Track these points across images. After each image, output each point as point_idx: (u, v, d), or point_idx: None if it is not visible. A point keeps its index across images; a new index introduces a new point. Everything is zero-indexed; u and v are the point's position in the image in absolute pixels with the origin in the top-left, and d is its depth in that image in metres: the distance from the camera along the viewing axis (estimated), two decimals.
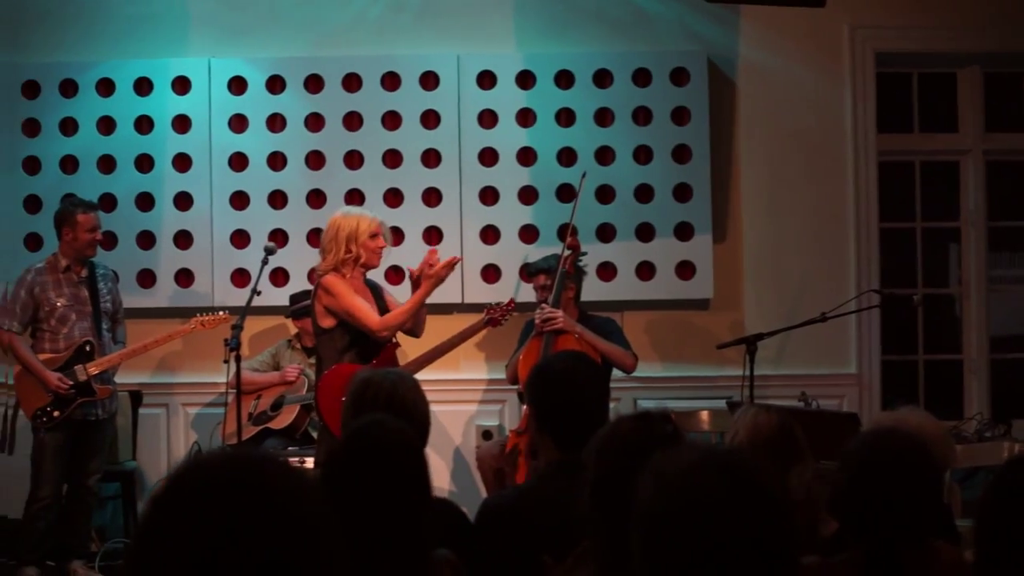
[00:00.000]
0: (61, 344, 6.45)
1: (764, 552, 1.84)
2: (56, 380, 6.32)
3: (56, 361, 6.41)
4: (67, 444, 6.43)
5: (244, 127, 7.41)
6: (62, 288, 6.46)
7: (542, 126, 7.36)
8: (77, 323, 6.46)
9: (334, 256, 5.73)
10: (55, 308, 6.43)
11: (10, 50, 7.46)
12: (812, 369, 7.37)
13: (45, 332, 6.47)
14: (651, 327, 7.41)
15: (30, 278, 6.46)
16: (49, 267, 6.50)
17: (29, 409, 6.41)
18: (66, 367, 6.39)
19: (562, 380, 3.53)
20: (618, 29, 7.44)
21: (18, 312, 6.43)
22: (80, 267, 6.52)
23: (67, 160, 7.42)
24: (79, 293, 6.49)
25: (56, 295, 6.44)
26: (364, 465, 2.93)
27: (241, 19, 7.47)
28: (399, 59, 7.40)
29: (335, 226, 5.78)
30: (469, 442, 7.39)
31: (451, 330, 7.08)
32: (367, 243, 5.73)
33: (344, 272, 5.74)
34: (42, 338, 6.49)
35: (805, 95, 7.46)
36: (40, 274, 6.47)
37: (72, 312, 6.46)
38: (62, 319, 6.45)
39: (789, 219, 7.46)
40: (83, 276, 6.53)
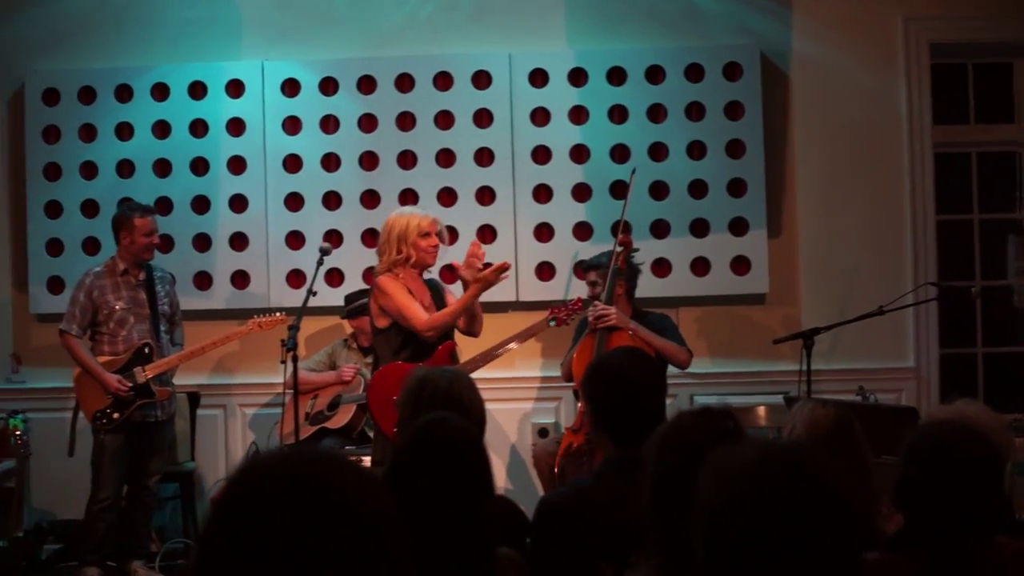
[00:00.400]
0: (120, 347, 6.49)
1: (826, 547, 1.83)
2: (115, 382, 6.36)
3: (115, 364, 6.45)
4: (127, 446, 6.47)
5: (298, 129, 7.45)
6: (120, 291, 6.51)
7: (595, 123, 7.35)
8: (135, 326, 6.50)
9: (388, 257, 5.76)
10: (114, 311, 6.47)
11: (66, 57, 7.55)
12: (869, 363, 7.31)
13: (104, 335, 6.51)
14: (706, 323, 7.38)
15: (89, 282, 6.51)
16: (107, 271, 6.55)
17: (89, 411, 6.45)
18: (125, 369, 6.43)
19: (618, 377, 3.52)
20: (670, 24, 7.41)
21: (77, 315, 6.48)
22: (138, 270, 6.56)
23: (123, 164, 7.49)
24: (137, 296, 6.53)
25: (115, 298, 6.49)
26: (431, 461, 2.93)
27: (294, 22, 7.52)
28: (451, 59, 7.41)
29: (388, 226, 5.81)
30: (525, 440, 7.39)
31: (506, 328, 7.09)
32: (417, 242, 5.73)
33: (397, 272, 5.75)
34: (101, 341, 6.53)
35: (859, 87, 7.40)
36: (99, 278, 6.52)
37: (130, 315, 6.50)
38: (121, 322, 6.49)
39: (844, 212, 7.41)
40: (141, 279, 6.57)
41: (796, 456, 1.94)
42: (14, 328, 7.59)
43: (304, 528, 1.49)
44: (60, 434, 6.91)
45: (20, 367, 7.55)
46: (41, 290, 7.45)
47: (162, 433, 6.68)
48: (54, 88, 7.48)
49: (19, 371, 7.55)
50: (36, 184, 7.48)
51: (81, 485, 6.56)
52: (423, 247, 5.77)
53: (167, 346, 6.64)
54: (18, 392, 7.47)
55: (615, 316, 6.26)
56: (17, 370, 7.54)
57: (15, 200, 7.59)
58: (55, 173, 7.48)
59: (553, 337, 7.32)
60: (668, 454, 2.69)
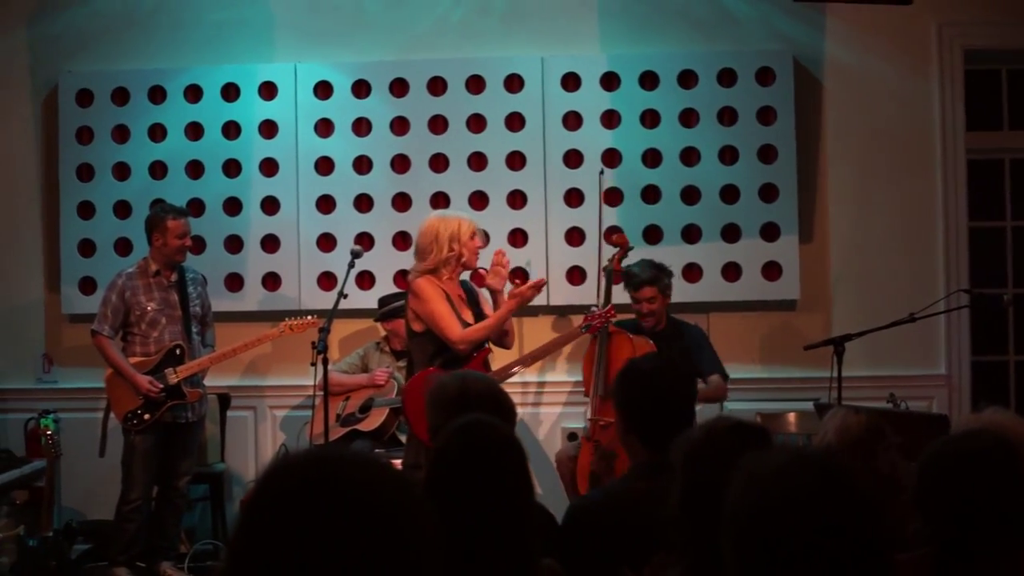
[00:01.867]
0: (151, 348, 6.50)
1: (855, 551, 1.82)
2: (147, 383, 6.38)
3: (147, 364, 6.47)
4: (157, 447, 6.49)
5: (330, 131, 7.46)
6: (152, 292, 6.52)
7: (627, 127, 7.34)
8: (167, 327, 6.52)
9: (435, 257, 5.69)
10: (146, 312, 6.49)
11: (100, 58, 7.58)
12: (901, 370, 7.28)
13: (136, 336, 6.53)
14: (737, 328, 7.36)
15: (121, 282, 6.52)
16: (140, 272, 6.56)
17: (120, 412, 6.47)
18: (156, 370, 6.45)
19: (647, 381, 3.52)
20: (703, 29, 7.40)
21: (109, 316, 6.50)
22: (170, 272, 6.58)
23: (156, 165, 7.51)
24: (169, 297, 6.55)
25: (147, 299, 6.50)
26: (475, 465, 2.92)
27: (326, 24, 7.53)
28: (483, 62, 7.41)
29: (435, 228, 5.75)
30: (555, 445, 7.37)
31: (536, 332, 7.13)
32: (468, 243, 5.74)
33: (443, 273, 5.72)
34: (133, 342, 6.55)
35: (892, 93, 7.38)
36: (131, 279, 6.53)
37: (162, 316, 6.52)
38: (152, 323, 6.50)
39: (877, 219, 7.38)
40: (173, 280, 6.58)
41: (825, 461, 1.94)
42: (46, 328, 7.62)
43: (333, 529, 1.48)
44: (91, 434, 6.93)
45: (52, 367, 7.57)
46: (73, 290, 7.48)
47: (193, 434, 6.70)
48: (87, 89, 7.51)
49: (51, 371, 7.58)
50: (69, 185, 7.51)
51: (111, 485, 6.60)
52: (472, 248, 5.78)
53: (198, 347, 6.65)
54: (50, 392, 7.50)
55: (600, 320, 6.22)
56: (49, 370, 7.58)
57: (48, 201, 7.62)
58: (88, 174, 7.52)
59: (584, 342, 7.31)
60: (699, 465, 2.68)
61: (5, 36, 7.61)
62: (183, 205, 7.01)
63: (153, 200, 7.17)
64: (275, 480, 1.57)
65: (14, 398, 7.56)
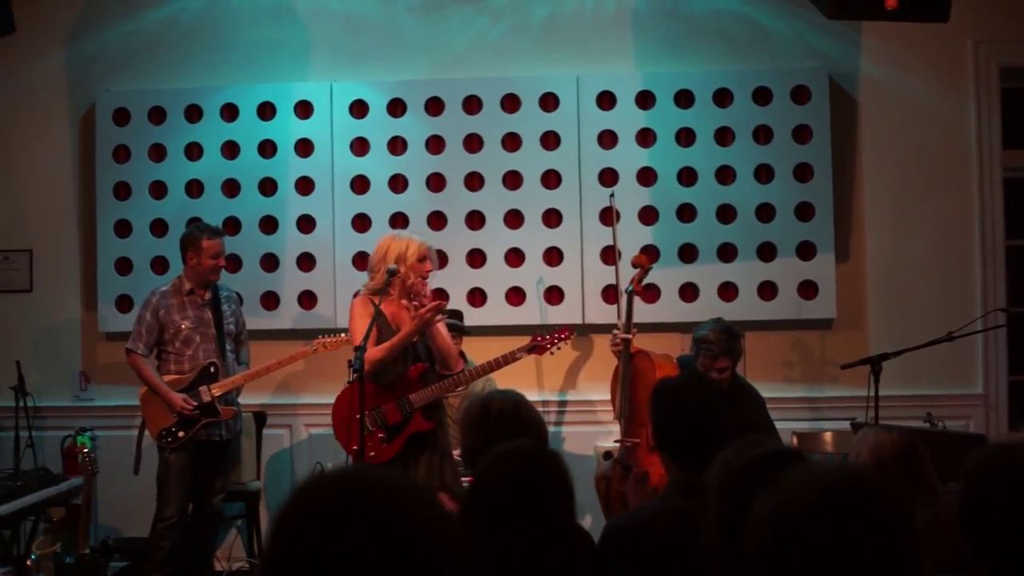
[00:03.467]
0: (186, 366, 6.51)
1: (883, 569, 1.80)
2: (181, 401, 6.39)
3: (181, 382, 6.48)
4: (192, 464, 6.49)
5: (366, 150, 7.48)
6: (187, 311, 6.53)
7: (662, 146, 7.34)
8: (201, 345, 6.53)
9: (381, 276, 5.75)
10: (180, 330, 6.49)
11: (136, 77, 7.63)
12: (938, 389, 7.25)
13: (170, 354, 6.54)
14: (773, 347, 7.34)
15: (155, 301, 6.54)
16: (174, 290, 6.57)
17: (155, 429, 6.47)
18: (191, 388, 6.46)
19: (676, 398, 3.52)
20: (738, 47, 7.40)
21: (144, 334, 6.51)
22: (204, 290, 6.59)
23: (192, 184, 7.55)
24: (203, 315, 6.56)
25: (181, 318, 6.51)
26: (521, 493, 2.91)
27: (362, 44, 7.56)
28: (518, 81, 7.43)
29: (384, 247, 5.81)
30: (591, 464, 7.35)
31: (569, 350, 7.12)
32: (415, 265, 5.74)
33: (390, 293, 5.76)
34: (167, 360, 6.55)
35: (928, 111, 7.36)
36: (165, 297, 6.55)
37: (196, 334, 6.52)
38: (187, 341, 6.51)
39: (913, 237, 7.36)
40: (207, 299, 6.59)
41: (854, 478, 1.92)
42: (83, 346, 7.67)
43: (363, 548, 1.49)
44: (127, 452, 6.95)
45: (88, 385, 7.61)
46: (110, 308, 7.52)
47: (227, 452, 6.71)
48: (124, 108, 7.56)
49: (87, 389, 7.61)
50: (106, 203, 7.56)
51: (147, 503, 6.60)
52: (420, 270, 5.78)
53: (232, 365, 6.65)
54: (86, 410, 7.54)
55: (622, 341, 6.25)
56: (85, 388, 7.61)
57: (85, 219, 7.67)
58: (125, 192, 7.56)
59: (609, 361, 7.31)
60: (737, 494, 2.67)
61: (43, 56, 7.67)
62: (219, 224, 7.04)
63: (189, 219, 7.20)
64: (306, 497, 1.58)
65: (51, 416, 7.59)
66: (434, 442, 5.84)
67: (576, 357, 7.42)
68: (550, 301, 7.37)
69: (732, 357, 6.22)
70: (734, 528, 2.56)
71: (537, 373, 7.37)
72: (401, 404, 5.75)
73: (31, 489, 6.68)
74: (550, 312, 7.36)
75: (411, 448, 5.76)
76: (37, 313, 7.71)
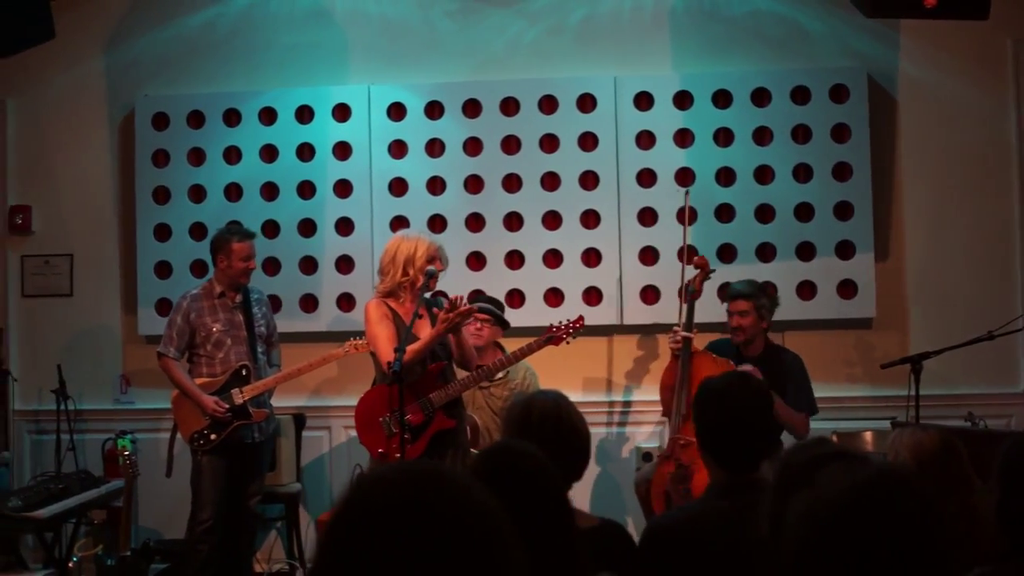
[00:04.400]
0: (217, 368, 6.48)
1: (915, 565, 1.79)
2: (212, 404, 6.36)
3: (213, 385, 6.45)
4: (225, 467, 6.46)
5: (404, 152, 7.50)
6: (217, 314, 6.50)
7: (700, 146, 7.33)
8: (233, 348, 6.49)
9: (391, 279, 5.78)
10: (211, 333, 6.47)
11: (175, 82, 7.68)
12: (979, 388, 7.21)
13: (202, 357, 6.52)
14: (813, 347, 7.27)
15: (186, 304, 6.51)
16: (205, 293, 6.55)
17: (187, 432, 6.45)
18: (223, 391, 6.43)
19: (720, 398, 3.51)
20: (776, 47, 7.39)
21: (175, 338, 6.48)
22: (234, 293, 6.55)
23: (231, 188, 7.58)
24: (234, 318, 6.53)
25: (212, 321, 6.48)
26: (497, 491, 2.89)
27: (400, 46, 7.58)
28: (556, 82, 7.43)
29: (393, 248, 5.85)
30: (630, 465, 7.35)
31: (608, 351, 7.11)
32: (425, 267, 5.77)
33: (400, 295, 5.79)
34: (199, 363, 6.53)
35: (968, 109, 7.33)
36: (196, 300, 6.52)
37: (228, 337, 6.49)
38: (218, 344, 6.48)
39: (953, 236, 7.32)
40: (238, 302, 6.56)
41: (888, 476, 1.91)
42: (123, 349, 7.70)
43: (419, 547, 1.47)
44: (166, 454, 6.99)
45: (129, 388, 7.64)
46: (150, 312, 7.55)
47: (260, 454, 6.67)
48: (163, 112, 7.61)
49: (128, 392, 7.65)
50: (145, 207, 7.60)
51: (187, 505, 6.58)
52: None
53: (264, 367, 6.62)
54: (127, 413, 7.58)
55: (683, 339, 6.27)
56: (126, 391, 7.65)
57: (125, 223, 7.71)
58: (164, 196, 7.60)
59: (659, 361, 7.31)
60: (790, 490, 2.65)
61: (83, 61, 7.73)
62: (258, 227, 7.07)
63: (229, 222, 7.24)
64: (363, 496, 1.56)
65: (92, 419, 7.63)
66: (454, 439, 5.87)
67: (616, 358, 7.40)
68: (588, 302, 7.36)
69: (753, 302, 6.42)
70: None
71: (577, 374, 7.37)
72: (423, 404, 5.75)
73: (72, 492, 6.73)
74: (589, 313, 7.31)
75: (435, 446, 5.77)
76: (78, 317, 7.76)
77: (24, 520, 6.39)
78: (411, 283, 5.77)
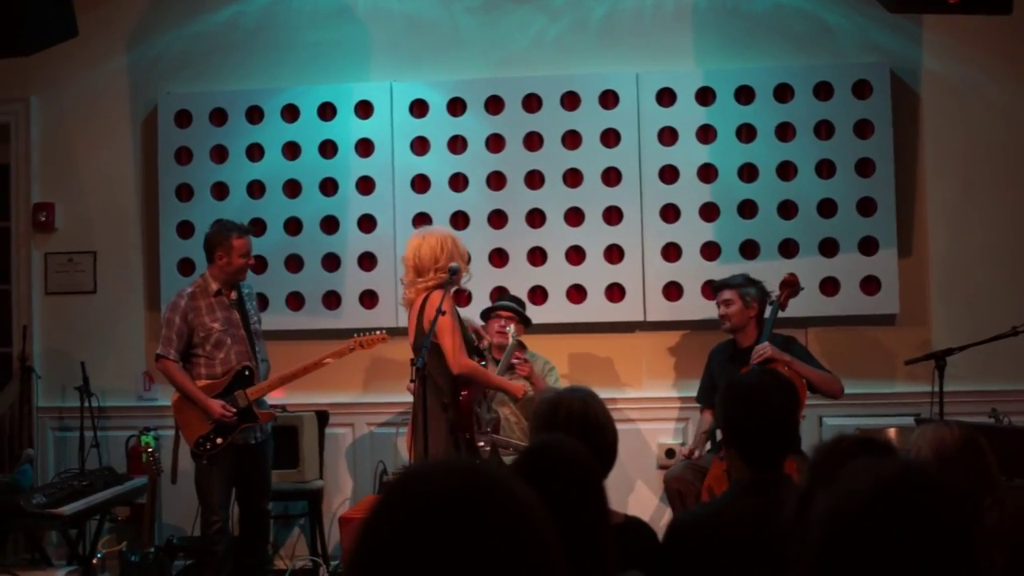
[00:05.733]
0: (218, 369, 6.29)
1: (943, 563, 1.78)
2: (220, 408, 6.19)
3: (215, 387, 6.27)
4: (231, 469, 6.31)
5: (426, 149, 7.50)
6: (215, 312, 6.30)
7: (723, 142, 7.32)
8: (233, 347, 6.31)
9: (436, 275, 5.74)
10: (211, 333, 6.27)
11: (198, 79, 7.69)
12: (1003, 385, 7.18)
13: (200, 358, 6.30)
14: (836, 343, 7.29)
15: (184, 304, 6.28)
16: (200, 291, 6.33)
17: (191, 437, 6.29)
18: (226, 393, 6.27)
19: (746, 395, 3.50)
20: (798, 43, 7.37)
21: (174, 339, 6.25)
22: (230, 290, 6.38)
23: (254, 185, 7.59)
24: (231, 316, 6.34)
25: (211, 320, 6.28)
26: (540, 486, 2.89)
27: (422, 43, 7.58)
28: (578, 79, 7.42)
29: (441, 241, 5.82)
30: (652, 461, 7.34)
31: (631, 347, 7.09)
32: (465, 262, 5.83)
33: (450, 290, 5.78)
34: (197, 364, 6.31)
35: (991, 105, 7.30)
36: (192, 299, 6.30)
37: (227, 336, 6.29)
38: (218, 344, 6.28)
39: (977, 231, 7.30)
40: (234, 299, 6.39)
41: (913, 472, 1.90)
42: (146, 347, 7.70)
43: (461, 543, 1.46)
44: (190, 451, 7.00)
45: (152, 385, 7.65)
46: None
47: (264, 453, 6.51)
48: (186, 110, 7.62)
49: (151, 389, 7.66)
50: (168, 205, 7.61)
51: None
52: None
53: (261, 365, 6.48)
54: (150, 410, 7.59)
55: (770, 350, 6.30)
56: (149, 388, 7.66)
57: (148, 221, 7.73)
58: (187, 194, 7.61)
59: (680, 358, 7.31)
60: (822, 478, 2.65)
61: (106, 59, 7.76)
62: (280, 224, 7.08)
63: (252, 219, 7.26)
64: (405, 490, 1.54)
65: (115, 416, 7.65)
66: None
67: (639, 354, 7.40)
68: (611, 299, 7.36)
69: (735, 289, 6.63)
70: None
71: (600, 369, 7.36)
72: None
73: (96, 489, 6.74)
74: (611, 310, 7.35)
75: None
76: (101, 314, 7.77)
77: (48, 517, 6.40)
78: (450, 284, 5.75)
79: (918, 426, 5.56)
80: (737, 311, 6.63)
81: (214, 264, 6.35)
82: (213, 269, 6.36)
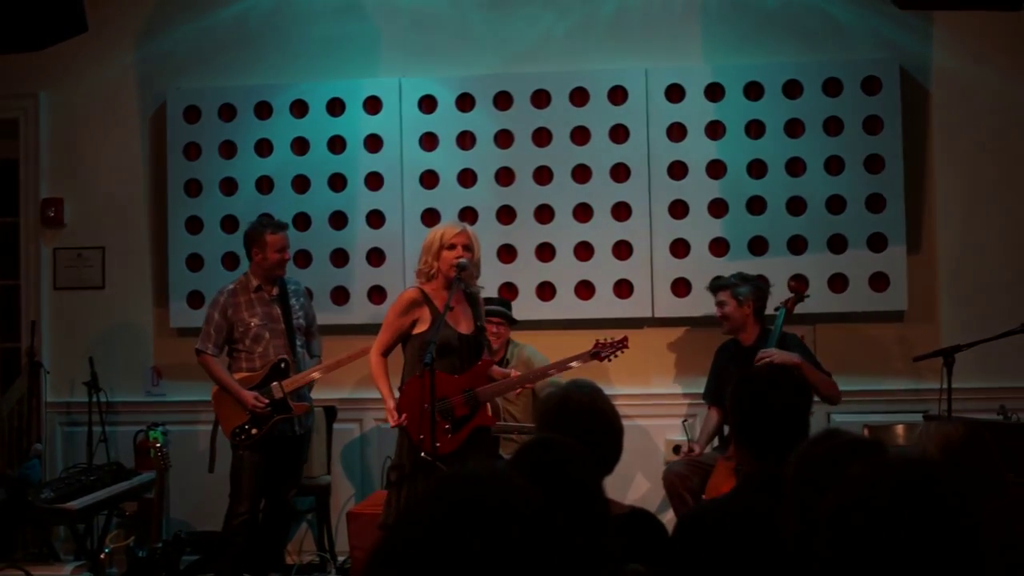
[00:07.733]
0: (257, 363, 6.46)
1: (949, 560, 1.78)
2: (252, 399, 6.34)
3: (252, 380, 6.42)
4: (265, 461, 6.43)
5: (435, 145, 7.50)
6: (255, 308, 6.47)
7: (731, 138, 7.31)
8: (271, 341, 6.45)
9: (422, 269, 5.79)
10: (249, 328, 6.43)
11: (207, 75, 7.71)
12: (1012, 382, 7.14)
13: (241, 352, 6.48)
14: (845, 340, 7.28)
15: (223, 300, 6.47)
16: (240, 287, 6.51)
17: (228, 428, 6.43)
18: (262, 385, 6.41)
19: (756, 390, 3.49)
20: (807, 38, 7.37)
21: (213, 334, 6.44)
22: (271, 286, 6.53)
23: (262, 180, 7.60)
24: (271, 311, 6.49)
25: (249, 315, 6.45)
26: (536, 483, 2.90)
27: (431, 39, 7.59)
28: (587, 74, 7.42)
29: (426, 239, 5.83)
30: (659, 457, 7.33)
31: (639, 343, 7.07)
32: (445, 254, 5.72)
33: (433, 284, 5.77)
34: (238, 358, 6.50)
35: (1001, 101, 7.29)
36: (233, 295, 6.48)
37: (266, 331, 6.45)
38: (256, 338, 6.44)
39: (986, 228, 7.29)
40: (275, 294, 6.52)
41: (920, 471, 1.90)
42: (155, 342, 7.72)
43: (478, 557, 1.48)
44: (198, 446, 7.03)
45: (160, 380, 7.66)
46: (181, 305, 7.58)
47: (300, 448, 6.63)
48: (195, 105, 7.63)
49: (159, 384, 7.67)
50: (177, 200, 7.62)
51: (219, 497, 6.60)
52: (447, 259, 5.73)
53: (303, 360, 6.60)
54: (158, 405, 7.61)
55: (777, 354, 6.27)
56: (157, 383, 7.67)
57: (156, 216, 7.74)
58: (196, 189, 7.62)
59: (688, 356, 7.32)
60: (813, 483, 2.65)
61: (115, 55, 7.77)
62: (289, 220, 7.07)
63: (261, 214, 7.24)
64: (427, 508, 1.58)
65: (124, 411, 7.66)
66: (487, 437, 5.92)
67: (646, 351, 7.38)
68: (619, 295, 7.35)
69: (728, 289, 6.64)
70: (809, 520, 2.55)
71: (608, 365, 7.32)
72: (469, 397, 5.73)
73: (104, 484, 6.77)
74: (620, 306, 7.34)
75: (471, 441, 5.76)
76: (109, 310, 7.79)
77: (56, 512, 6.43)
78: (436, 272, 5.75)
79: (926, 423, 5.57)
80: (732, 311, 6.62)
81: (252, 261, 6.51)
82: (252, 266, 6.52)
